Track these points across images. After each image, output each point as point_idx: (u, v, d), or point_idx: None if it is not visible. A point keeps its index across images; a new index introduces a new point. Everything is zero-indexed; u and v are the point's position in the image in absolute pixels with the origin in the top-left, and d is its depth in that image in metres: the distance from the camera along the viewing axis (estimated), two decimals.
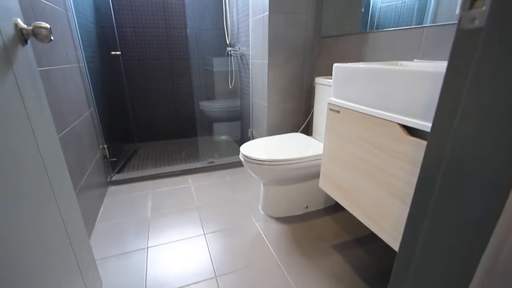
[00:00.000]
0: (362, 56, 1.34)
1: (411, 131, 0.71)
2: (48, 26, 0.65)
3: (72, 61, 1.39)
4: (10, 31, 0.59)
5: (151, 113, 2.72)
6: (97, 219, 1.46)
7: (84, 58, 1.55)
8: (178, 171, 1.98)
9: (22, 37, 0.64)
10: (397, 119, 0.73)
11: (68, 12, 1.41)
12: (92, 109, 1.63)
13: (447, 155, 0.38)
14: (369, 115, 0.82)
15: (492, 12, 0.30)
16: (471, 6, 0.32)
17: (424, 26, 1.01)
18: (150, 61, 2.54)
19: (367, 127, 0.84)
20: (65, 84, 1.25)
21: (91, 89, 1.61)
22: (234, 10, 2.28)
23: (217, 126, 2.73)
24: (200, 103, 2.61)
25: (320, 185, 1.16)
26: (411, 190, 0.70)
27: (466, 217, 0.36)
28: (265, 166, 1.27)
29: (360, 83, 0.86)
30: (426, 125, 0.65)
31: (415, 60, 1.04)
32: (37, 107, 0.67)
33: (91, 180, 1.44)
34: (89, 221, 1.35)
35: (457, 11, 0.33)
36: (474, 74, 0.32)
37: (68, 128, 1.21)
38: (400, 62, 0.99)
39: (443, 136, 0.39)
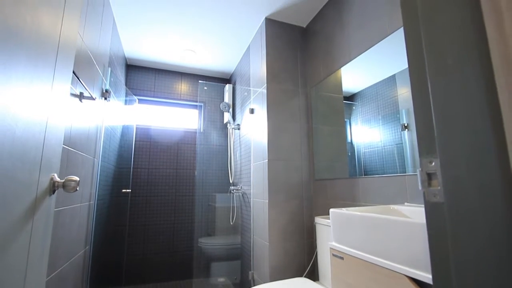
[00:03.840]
0: (355, 197, 1.43)
1: (422, 283, 0.67)
2: (78, 179, 0.75)
3: (85, 199, 1.47)
4: (45, 184, 0.69)
5: (147, 250, 2.57)
6: None
7: (96, 196, 1.66)
8: None
9: (52, 188, 0.73)
10: (403, 271, 0.70)
11: (95, 159, 1.63)
12: (87, 247, 1.58)
13: None
14: (375, 264, 0.80)
15: (447, 191, 0.37)
16: (430, 184, 0.39)
17: (405, 175, 1.14)
18: (156, 197, 2.67)
19: (376, 278, 0.79)
20: (71, 223, 1.28)
21: (93, 227, 1.62)
22: (238, 156, 2.62)
23: (215, 266, 2.51)
24: (200, 239, 2.52)
25: None
26: None
27: None
28: None
29: (359, 230, 0.88)
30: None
31: (405, 203, 1.11)
32: (38, 253, 0.67)
33: None
34: None
35: (420, 187, 0.41)
36: (452, 236, 0.36)
37: (57, 271, 1.13)
38: (392, 206, 1.06)
39: None
